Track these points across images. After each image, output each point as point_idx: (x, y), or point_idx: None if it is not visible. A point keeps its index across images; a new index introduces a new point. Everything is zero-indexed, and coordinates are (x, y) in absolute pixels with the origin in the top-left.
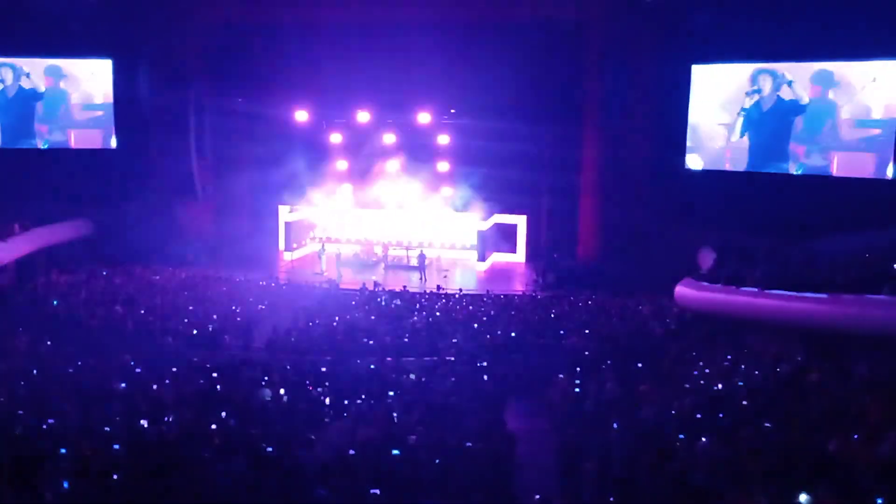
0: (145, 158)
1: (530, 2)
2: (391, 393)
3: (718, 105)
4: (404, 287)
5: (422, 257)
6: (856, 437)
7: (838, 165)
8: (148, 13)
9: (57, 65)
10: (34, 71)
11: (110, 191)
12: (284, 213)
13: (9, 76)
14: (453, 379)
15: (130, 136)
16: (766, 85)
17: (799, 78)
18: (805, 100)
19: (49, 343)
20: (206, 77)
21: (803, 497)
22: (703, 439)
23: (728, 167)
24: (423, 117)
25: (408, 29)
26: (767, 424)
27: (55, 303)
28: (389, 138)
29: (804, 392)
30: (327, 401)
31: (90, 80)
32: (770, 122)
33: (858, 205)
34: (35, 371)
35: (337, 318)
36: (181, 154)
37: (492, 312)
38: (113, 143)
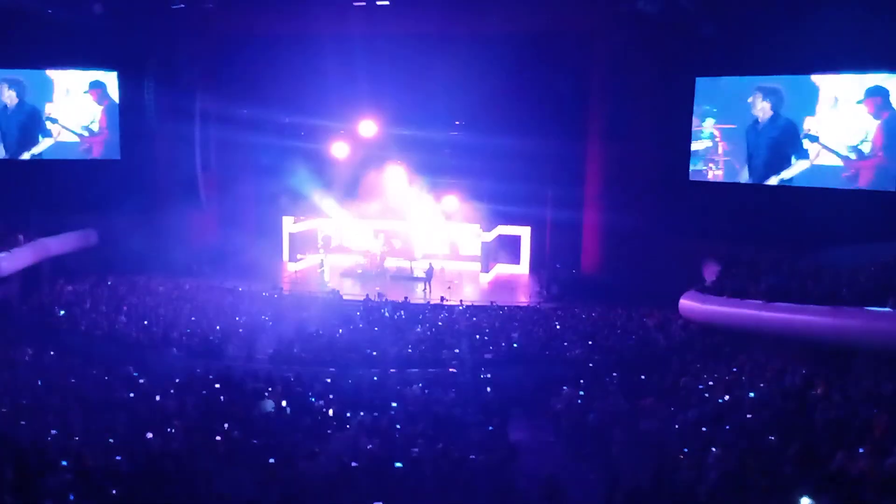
0: (150, 169)
1: (534, 14)
2: (394, 405)
3: (721, 117)
4: (405, 298)
5: (430, 270)
6: (861, 450)
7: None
8: (153, 25)
9: (62, 76)
10: (39, 84)
11: (115, 201)
12: (288, 224)
13: (12, 91)
14: (456, 391)
15: (135, 147)
16: (766, 103)
17: (801, 93)
18: (807, 116)
19: (53, 353)
20: (210, 88)
21: (805, 501)
22: (709, 451)
23: (726, 178)
24: (427, 128)
25: (411, 40)
26: (772, 437)
27: (60, 313)
28: (393, 149)
29: (809, 405)
30: (330, 412)
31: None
32: (772, 140)
33: (864, 217)
34: (39, 382)
35: (340, 330)
36: (185, 164)
37: (495, 324)
38: (118, 154)
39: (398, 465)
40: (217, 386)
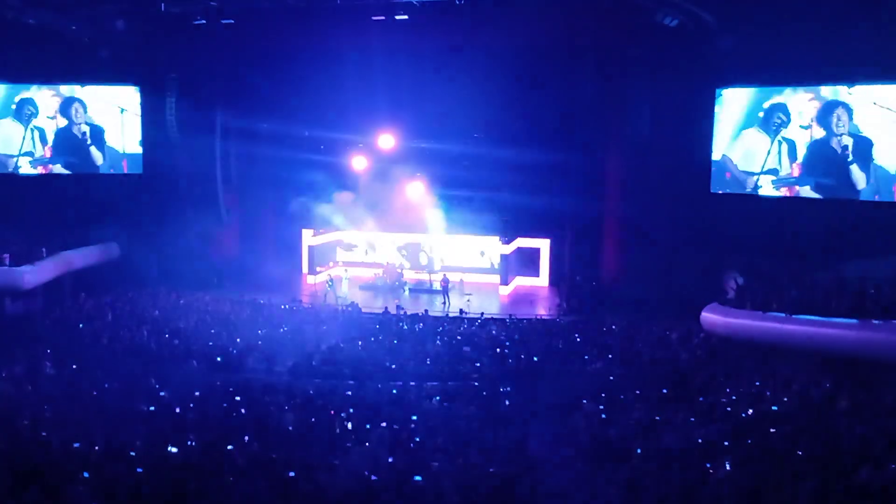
0: (171, 182)
1: (554, 26)
2: (414, 418)
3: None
4: (425, 311)
5: (445, 281)
6: (886, 464)
7: None
8: (175, 41)
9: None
10: (93, 104)
11: (136, 214)
12: (308, 237)
13: (79, 110)
14: (476, 404)
15: (157, 161)
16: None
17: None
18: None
19: (75, 366)
20: (231, 102)
21: None
22: (733, 465)
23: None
24: (446, 141)
25: (430, 54)
26: (796, 451)
27: (81, 326)
28: (412, 162)
29: (833, 419)
30: (349, 425)
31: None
32: (827, 153)
33: (888, 229)
34: (61, 394)
35: (360, 343)
36: (206, 178)
37: (515, 337)
38: (140, 168)
39: (418, 478)
40: (237, 398)
